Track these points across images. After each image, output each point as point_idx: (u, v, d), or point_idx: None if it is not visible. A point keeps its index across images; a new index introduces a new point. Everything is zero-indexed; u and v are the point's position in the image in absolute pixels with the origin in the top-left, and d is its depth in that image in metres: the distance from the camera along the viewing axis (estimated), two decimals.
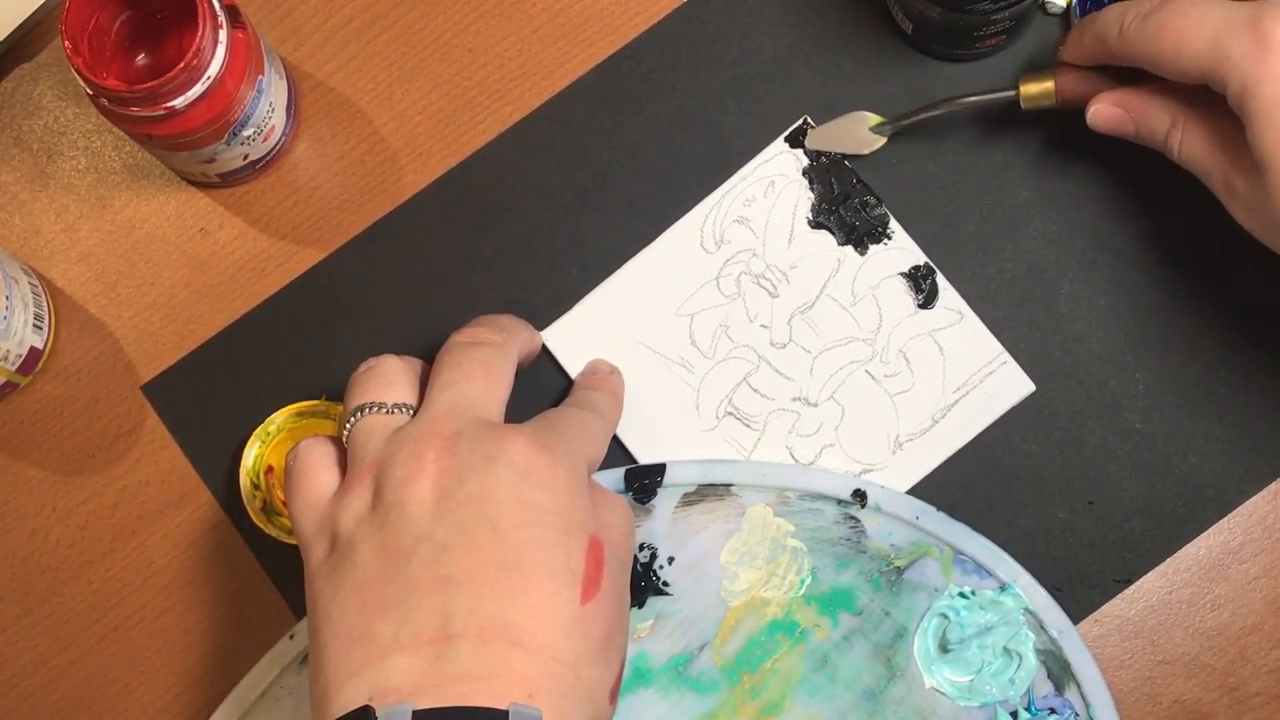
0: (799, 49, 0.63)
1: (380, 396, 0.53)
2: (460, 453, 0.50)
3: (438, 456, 0.49)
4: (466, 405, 0.51)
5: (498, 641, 0.47)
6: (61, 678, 0.62)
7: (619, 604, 0.50)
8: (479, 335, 0.55)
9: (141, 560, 0.62)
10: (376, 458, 0.51)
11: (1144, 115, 0.56)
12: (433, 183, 0.63)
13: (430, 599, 0.47)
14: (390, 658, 0.47)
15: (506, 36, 0.64)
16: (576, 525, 0.50)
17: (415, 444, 0.50)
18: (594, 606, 0.49)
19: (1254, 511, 0.60)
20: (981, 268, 0.62)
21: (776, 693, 0.59)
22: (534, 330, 0.59)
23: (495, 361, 0.54)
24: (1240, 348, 0.61)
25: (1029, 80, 0.58)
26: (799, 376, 0.61)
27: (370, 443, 0.51)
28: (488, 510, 0.48)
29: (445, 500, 0.49)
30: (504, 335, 0.55)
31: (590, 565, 0.49)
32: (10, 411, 0.63)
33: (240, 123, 0.59)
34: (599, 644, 0.49)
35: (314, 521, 0.51)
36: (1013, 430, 0.61)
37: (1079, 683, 0.58)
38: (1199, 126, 0.55)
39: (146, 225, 0.64)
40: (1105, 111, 0.57)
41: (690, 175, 0.62)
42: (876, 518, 0.60)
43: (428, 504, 0.49)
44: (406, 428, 0.51)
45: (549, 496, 0.49)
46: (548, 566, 0.48)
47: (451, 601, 0.47)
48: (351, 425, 0.52)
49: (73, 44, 0.56)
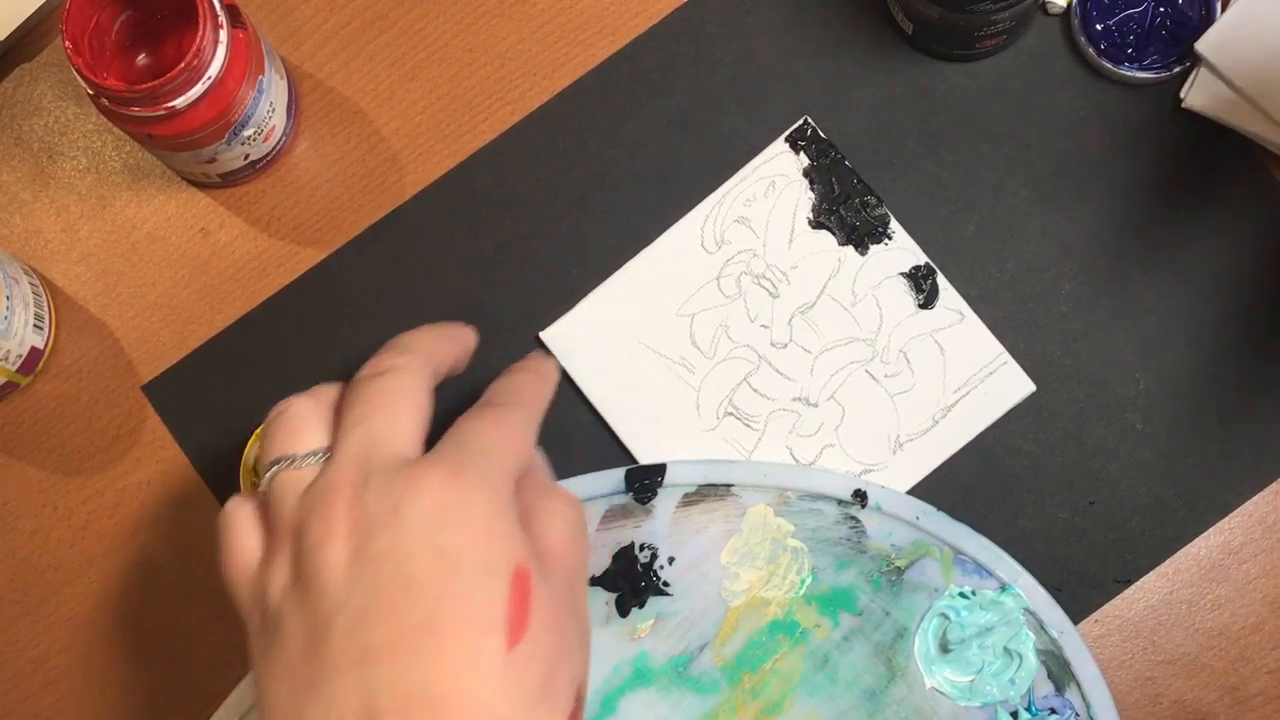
0: (799, 49, 0.63)
1: (289, 448, 0.49)
2: (368, 503, 0.46)
3: (347, 511, 0.46)
4: (372, 445, 0.48)
5: (423, 713, 0.43)
6: (61, 678, 0.62)
7: (557, 632, 0.46)
8: (381, 364, 0.51)
9: (141, 560, 0.62)
10: (292, 520, 0.48)
11: None
12: (433, 183, 0.63)
13: (350, 677, 0.44)
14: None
15: (506, 37, 0.64)
16: (496, 563, 0.46)
17: (323, 501, 0.47)
18: (524, 648, 0.45)
19: (1254, 511, 0.60)
20: (982, 268, 0.62)
21: (777, 693, 0.59)
22: (459, 331, 0.55)
23: (399, 388, 0.50)
24: (1240, 348, 0.61)
25: None
26: (799, 376, 0.61)
27: (285, 503, 0.48)
28: (400, 568, 0.45)
29: (358, 561, 0.45)
30: (409, 356, 0.51)
31: (514, 604, 0.45)
32: (10, 411, 0.63)
33: (241, 123, 0.59)
34: (538, 685, 0.45)
35: (246, 594, 0.49)
36: (1013, 430, 0.61)
37: (1079, 683, 0.58)
38: None
39: (147, 225, 0.64)
40: None
41: (690, 175, 0.63)
42: (877, 518, 0.60)
43: (341, 567, 0.46)
44: (315, 483, 0.48)
45: (465, 536, 0.46)
46: (466, 617, 0.45)
47: (373, 677, 0.44)
48: (266, 484, 0.49)
49: (73, 44, 0.56)
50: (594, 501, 0.60)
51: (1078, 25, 0.61)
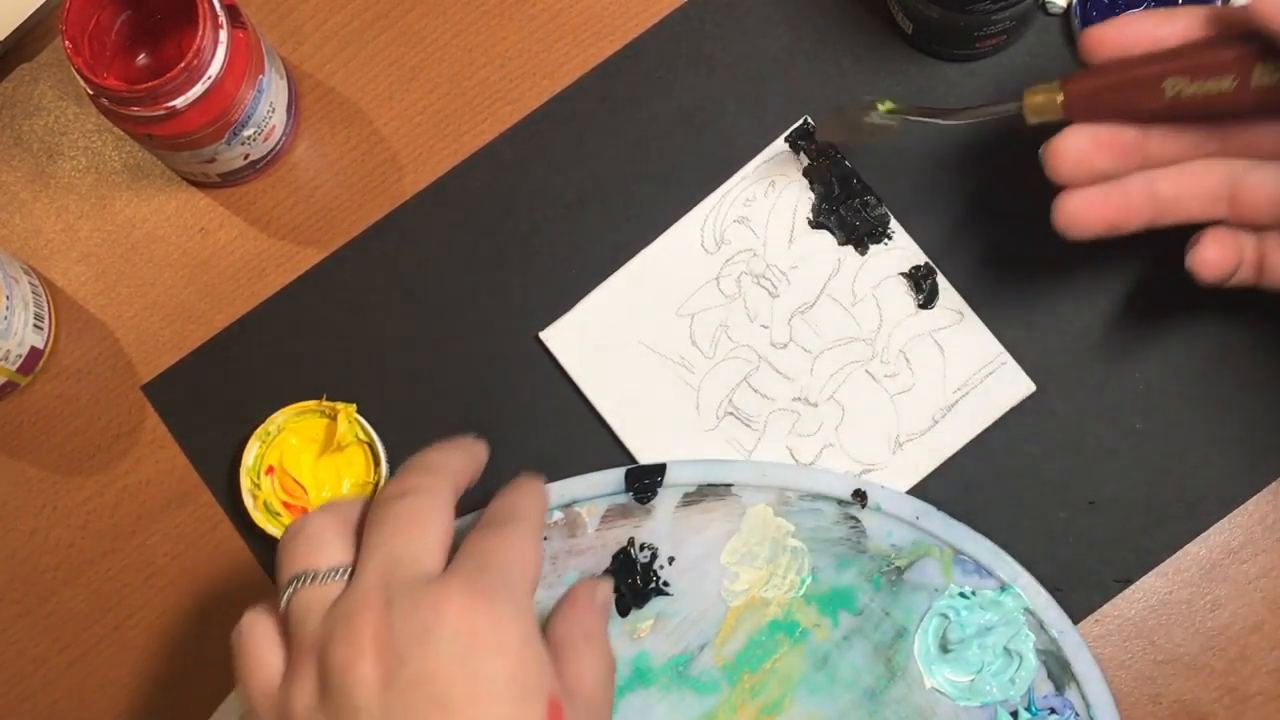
0: (799, 49, 0.63)
1: (311, 564, 0.49)
2: (395, 625, 0.46)
3: (374, 633, 0.46)
4: (396, 566, 0.48)
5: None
6: (61, 678, 0.62)
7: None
8: (405, 485, 0.51)
9: (141, 560, 0.62)
10: (315, 639, 0.47)
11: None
12: (433, 183, 0.63)
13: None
14: None
15: (506, 36, 0.64)
16: (532, 691, 0.46)
17: (349, 623, 0.47)
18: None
19: (1254, 511, 0.60)
20: (981, 268, 0.62)
21: (777, 692, 0.59)
22: (474, 446, 0.55)
23: (423, 509, 0.50)
24: (1240, 348, 0.61)
25: (1034, 95, 0.53)
26: (799, 376, 0.61)
27: (307, 621, 0.48)
28: (435, 691, 0.45)
29: (390, 684, 0.45)
30: (432, 476, 0.51)
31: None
32: (10, 411, 0.63)
33: (240, 123, 0.59)
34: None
35: (268, 711, 0.48)
36: (1013, 430, 0.61)
37: (1079, 683, 0.58)
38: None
39: (147, 225, 0.64)
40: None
41: (690, 175, 0.63)
42: (877, 518, 0.60)
43: (373, 689, 0.46)
44: (339, 603, 0.48)
45: (499, 663, 0.46)
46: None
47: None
48: (286, 600, 0.49)
49: (73, 44, 0.56)
50: (594, 501, 0.60)
51: (1078, 25, 0.61)
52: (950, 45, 0.61)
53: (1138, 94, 0.50)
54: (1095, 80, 0.51)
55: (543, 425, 0.61)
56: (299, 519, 0.51)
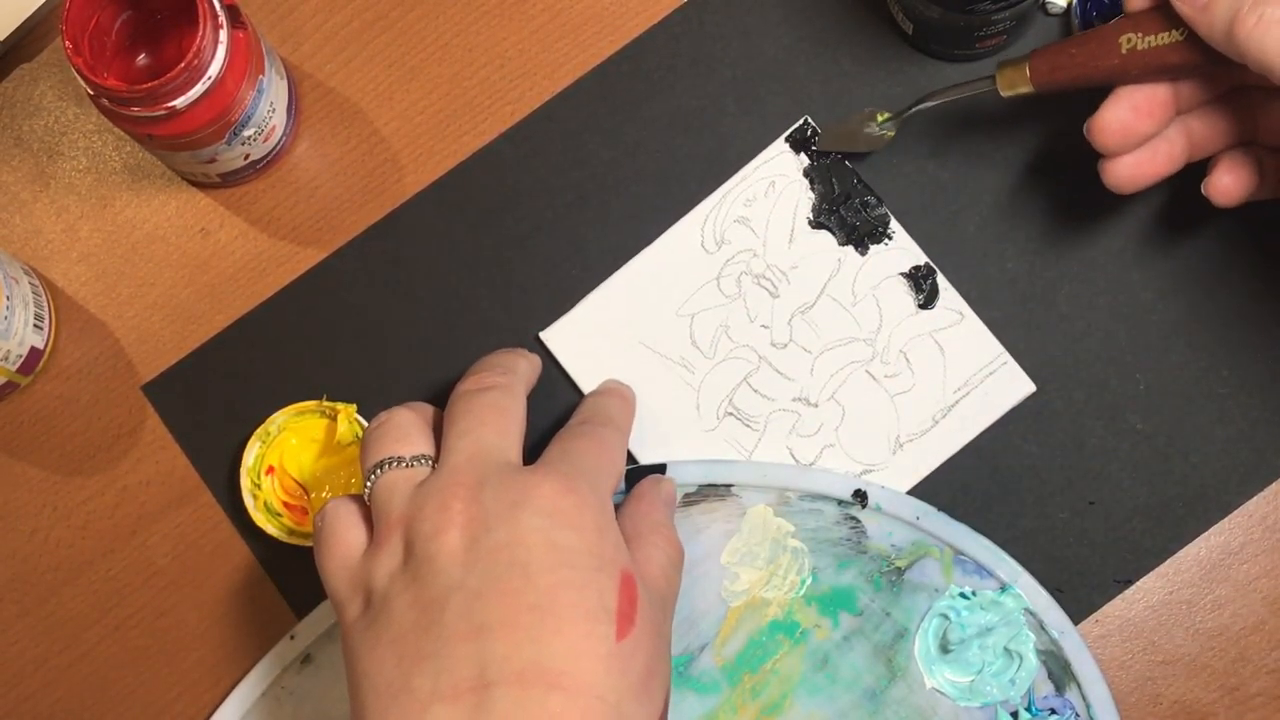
0: (799, 49, 0.63)
1: (397, 450, 0.53)
2: (485, 501, 0.50)
3: (464, 507, 0.50)
4: (485, 452, 0.52)
5: (536, 685, 0.47)
6: (61, 678, 0.62)
7: (657, 638, 0.50)
8: (485, 380, 0.55)
9: (141, 560, 0.62)
10: (403, 513, 0.51)
11: None
12: (433, 183, 0.63)
13: (466, 648, 0.47)
14: (430, 710, 0.47)
15: (506, 37, 0.64)
16: (608, 562, 0.50)
17: (440, 496, 0.50)
18: (630, 642, 0.49)
19: (1254, 511, 0.60)
20: (982, 268, 0.62)
21: (777, 693, 0.59)
22: (533, 357, 0.59)
23: (506, 403, 0.54)
24: (1240, 348, 0.61)
25: (1005, 66, 0.55)
26: (799, 377, 0.61)
27: (394, 498, 0.51)
28: (517, 556, 0.49)
29: (474, 549, 0.49)
30: (509, 376, 0.56)
31: (624, 601, 0.49)
32: (10, 411, 0.63)
33: (241, 123, 0.59)
34: (639, 679, 0.49)
35: (346, 580, 0.51)
36: (1013, 430, 0.61)
37: (1079, 683, 0.58)
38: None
39: (147, 225, 0.64)
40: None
41: (690, 175, 0.62)
42: (877, 518, 0.60)
43: (458, 554, 0.49)
44: (429, 481, 0.51)
45: (578, 537, 0.50)
46: (581, 606, 0.48)
47: (487, 649, 0.47)
48: (373, 482, 0.52)
49: (73, 44, 0.56)
50: None
51: (1078, 25, 0.61)
52: (950, 45, 0.61)
53: (1097, 49, 0.53)
54: (1058, 45, 0.54)
55: (543, 425, 0.61)
56: (383, 413, 0.55)
